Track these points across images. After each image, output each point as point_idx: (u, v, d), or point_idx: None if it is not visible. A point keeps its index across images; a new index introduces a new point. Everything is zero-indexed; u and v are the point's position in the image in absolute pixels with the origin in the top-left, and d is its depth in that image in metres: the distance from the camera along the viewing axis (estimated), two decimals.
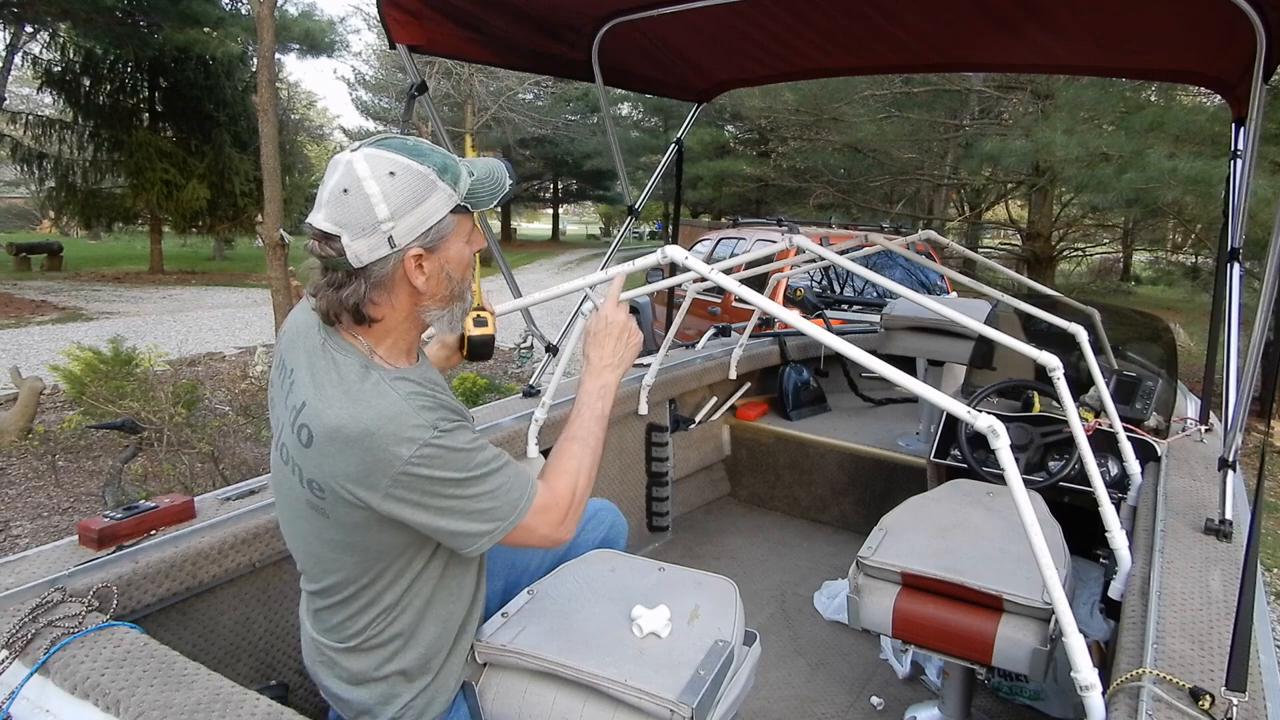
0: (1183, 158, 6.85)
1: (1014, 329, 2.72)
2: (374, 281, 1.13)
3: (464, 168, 1.16)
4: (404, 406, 1.11)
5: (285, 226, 6.71)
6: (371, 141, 1.13)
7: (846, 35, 2.51)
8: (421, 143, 1.15)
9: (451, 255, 1.17)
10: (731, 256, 6.40)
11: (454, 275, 1.19)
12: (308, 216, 1.13)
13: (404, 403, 1.12)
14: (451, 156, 1.16)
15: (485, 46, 2.44)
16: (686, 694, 1.22)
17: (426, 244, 1.13)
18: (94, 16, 14.42)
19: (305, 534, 1.23)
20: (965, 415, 1.21)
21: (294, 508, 1.22)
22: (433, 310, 1.20)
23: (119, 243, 26.10)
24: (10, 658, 1.19)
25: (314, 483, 1.15)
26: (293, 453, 1.17)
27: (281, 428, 1.20)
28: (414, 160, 1.11)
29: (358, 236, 1.09)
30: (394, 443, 1.09)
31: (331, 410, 1.11)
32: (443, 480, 1.12)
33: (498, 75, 21.61)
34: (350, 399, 1.12)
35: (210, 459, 4.33)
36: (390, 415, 1.10)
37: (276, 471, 1.25)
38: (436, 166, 1.12)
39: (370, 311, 1.15)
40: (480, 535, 1.17)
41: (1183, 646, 1.28)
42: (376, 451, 1.09)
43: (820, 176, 13.85)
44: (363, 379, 1.13)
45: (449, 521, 1.15)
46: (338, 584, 1.22)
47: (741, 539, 3.35)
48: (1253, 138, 2.04)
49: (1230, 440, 1.86)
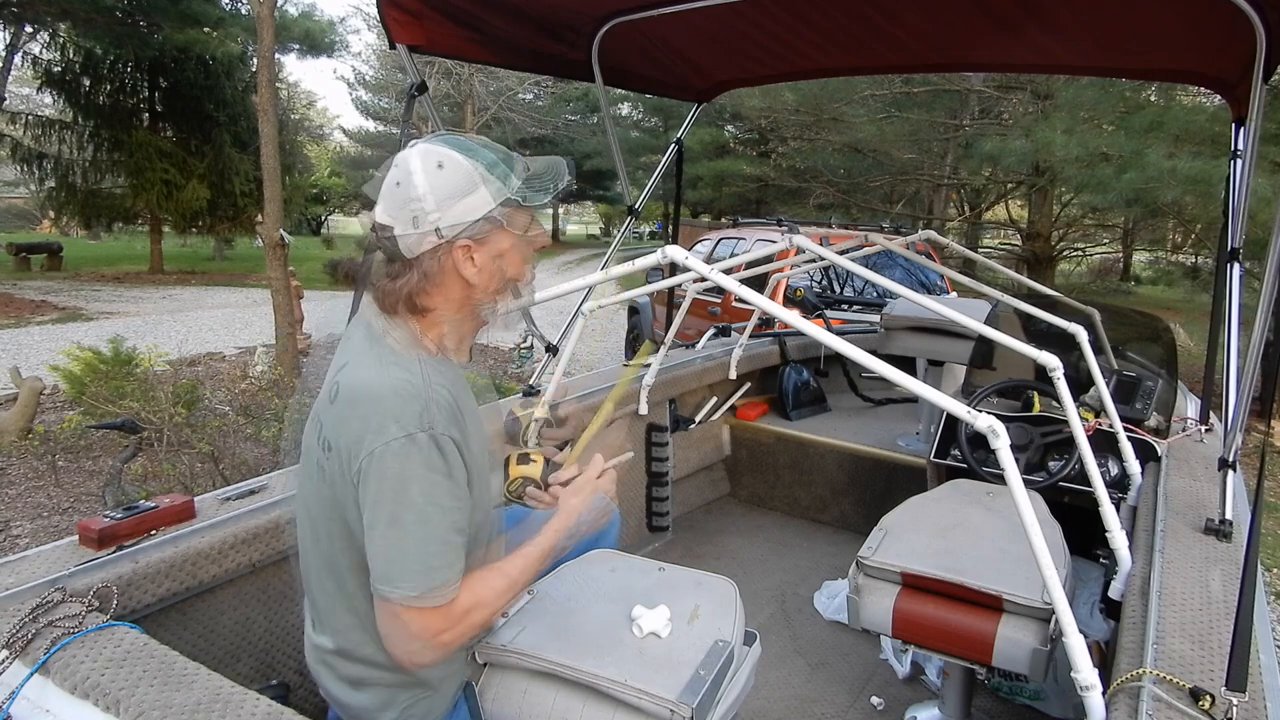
0: (1182, 158, 6.84)
1: (1014, 329, 2.72)
2: (425, 271, 1.16)
3: (520, 164, 1.19)
4: (420, 393, 1.12)
5: (285, 226, 6.70)
6: (429, 137, 1.18)
7: (846, 35, 2.51)
8: (477, 140, 1.19)
9: (503, 248, 1.19)
10: (731, 256, 6.40)
11: (506, 269, 1.20)
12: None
13: (423, 390, 1.12)
14: (507, 154, 1.20)
15: (485, 46, 2.44)
16: (686, 694, 1.22)
17: (474, 236, 1.16)
18: (94, 16, 14.41)
19: (313, 503, 1.23)
20: (965, 415, 1.21)
21: (307, 470, 1.24)
22: (487, 303, 1.22)
23: (119, 243, 26.09)
24: (10, 658, 1.19)
25: (327, 440, 1.17)
26: (319, 409, 1.21)
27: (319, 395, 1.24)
28: (463, 155, 1.15)
29: (408, 228, 1.14)
30: (390, 418, 1.09)
31: (361, 371, 1.15)
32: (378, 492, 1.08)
33: (498, 75, 21.62)
34: (381, 364, 1.15)
35: (210, 459, 4.33)
36: (403, 392, 1.11)
37: (305, 437, 1.27)
38: (485, 162, 1.15)
39: (423, 301, 1.18)
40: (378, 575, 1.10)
41: (1183, 646, 1.28)
42: (373, 418, 1.10)
43: (820, 176, 13.85)
44: (405, 353, 1.17)
45: (369, 542, 1.11)
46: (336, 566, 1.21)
47: (741, 539, 3.35)
48: (1253, 138, 2.04)
49: (1230, 440, 1.87)
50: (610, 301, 2.49)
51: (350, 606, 1.23)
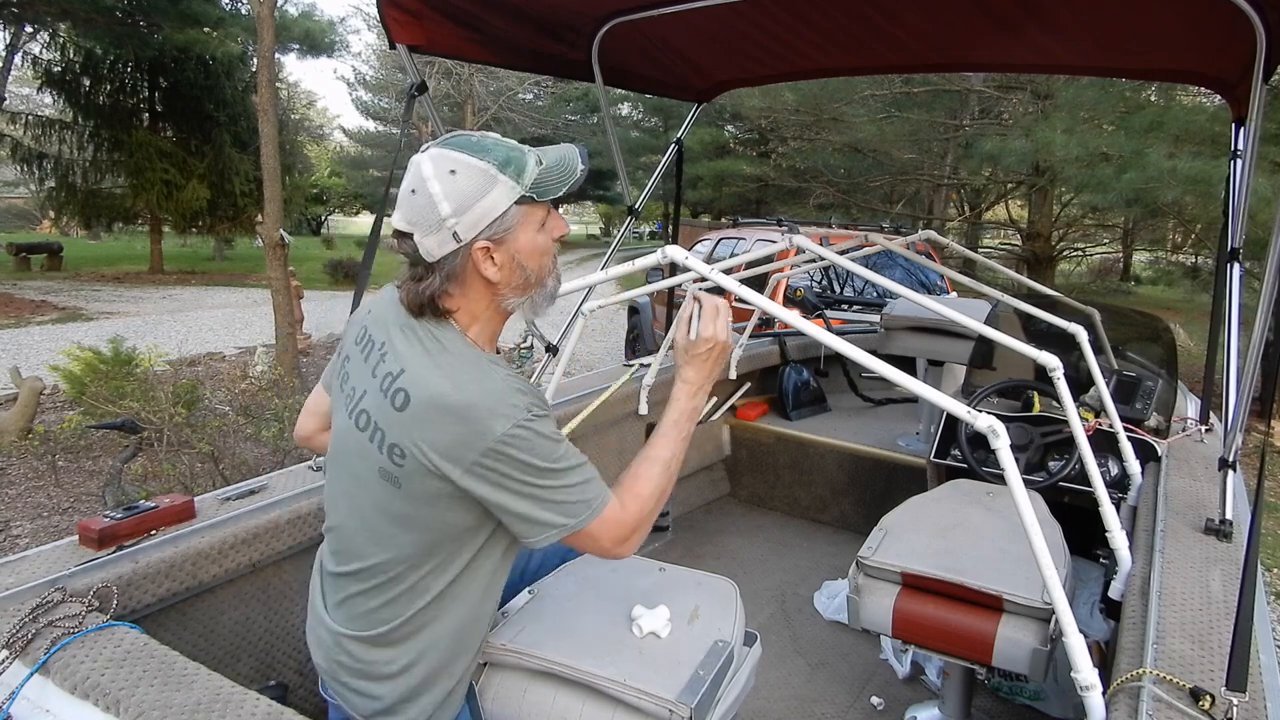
0: (1182, 158, 6.84)
1: (1014, 329, 2.72)
2: (446, 274, 1.18)
3: (531, 158, 1.18)
4: (503, 385, 1.15)
5: (285, 226, 6.70)
6: (439, 141, 1.18)
7: (846, 35, 2.51)
8: (488, 137, 1.19)
9: (522, 245, 1.19)
10: (731, 256, 6.40)
11: (527, 264, 1.21)
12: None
13: (503, 382, 1.16)
14: (518, 148, 1.19)
15: (485, 46, 2.44)
16: (685, 694, 1.22)
17: (492, 236, 1.16)
18: (94, 16, 14.41)
19: (366, 506, 1.22)
20: (965, 415, 1.21)
21: (358, 478, 1.23)
22: (511, 299, 1.23)
23: (119, 243, 26.09)
24: (10, 658, 1.19)
25: (397, 448, 1.16)
26: (377, 417, 1.19)
27: (359, 396, 1.23)
28: (475, 157, 1.15)
29: (427, 234, 1.15)
30: (490, 417, 1.12)
31: (434, 378, 1.15)
32: (526, 465, 1.14)
33: (498, 75, 21.62)
34: (455, 370, 1.16)
35: (210, 459, 4.33)
36: (491, 391, 1.14)
37: (343, 440, 1.26)
38: (498, 160, 1.15)
39: (445, 303, 1.20)
40: (549, 526, 1.18)
41: (1183, 646, 1.28)
42: (473, 424, 1.12)
43: (820, 176, 13.85)
44: (466, 354, 1.18)
45: (524, 505, 1.16)
46: (384, 563, 1.21)
47: (741, 539, 3.35)
48: (1253, 138, 2.04)
49: (1230, 440, 1.87)
50: (610, 301, 2.49)
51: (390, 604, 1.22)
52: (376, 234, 2.20)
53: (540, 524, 1.17)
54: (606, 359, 9.26)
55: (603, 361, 9.08)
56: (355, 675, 1.26)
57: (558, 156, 1.20)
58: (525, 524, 1.17)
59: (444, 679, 1.27)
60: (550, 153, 1.21)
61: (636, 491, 1.25)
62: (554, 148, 1.22)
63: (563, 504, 1.17)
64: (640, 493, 1.25)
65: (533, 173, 1.17)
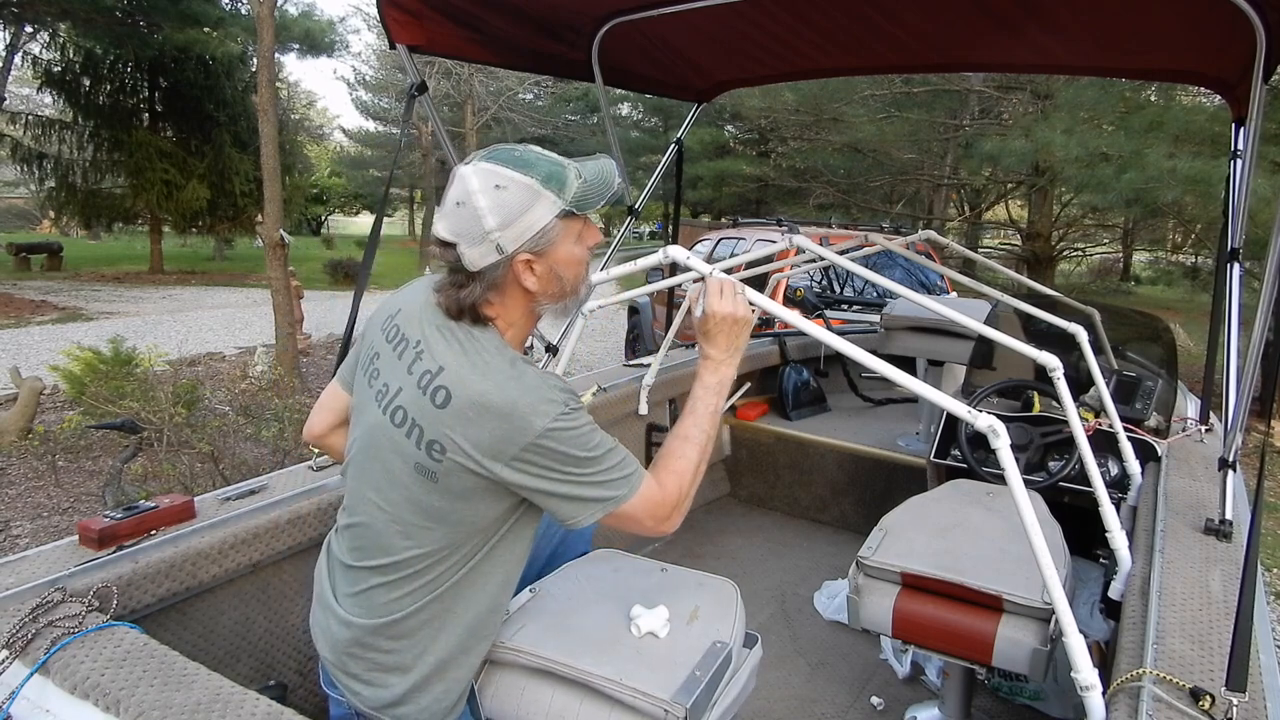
0: (1182, 158, 6.84)
1: (1014, 329, 2.72)
2: (488, 284, 1.22)
3: (572, 172, 1.22)
4: (539, 383, 1.20)
5: (285, 226, 6.70)
6: (483, 154, 1.22)
7: (846, 35, 2.51)
8: (531, 151, 1.23)
9: (561, 256, 1.23)
10: (731, 256, 6.40)
11: (564, 275, 1.25)
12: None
13: (540, 380, 1.21)
14: (560, 162, 1.23)
15: (485, 46, 2.44)
16: (681, 694, 1.22)
17: (534, 248, 1.20)
18: (94, 16, 14.41)
19: (398, 500, 1.24)
20: (965, 415, 1.21)
21: (391, 473, 1.25)
22: (547, 305, 1.28)
23: (119, 243, 26.09)
24: (10, 658, 1.19)
25: (436, 444, 1.20)
26: (414, 414, 1.22)
27: (394, 393, 1.26)
28: (520, 172, 1.18)
29: (471, 245, 1.19)
30: (532, 414, 1.17)
31: (474, 377, 1.19)
32: (567, 456, 1.19)
33: (498, 75, 21.61)
34: (494, 370, 1.20)
35: (210, 459, 4.33)
36: (529, 389, 1.19)
37: (375, 435, 1.28)
38: (541, 175, 1.19)
39: (485, 310, 1.25)
40: (591, 503, 1.22)
41: (1183, 646, 1.28)
42: (516, 421, 1.16)
43: (820, 176, 13.85)
44: (503, 355, 1.22)
45: (567, 488, 1.21)
46: (411, 558, 1.24)
47: (741, 539, 3.35)
48: (1253, 138, 2.04)
49: (1230, 440, 1.86)
50: (610, 301, 2.49)
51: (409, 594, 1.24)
52: (376, 234, 2.21)
53: (583, 502, 1.22)
54: (606, 359, 9.26)
55: (603, 361, 9.08)
56: (367, 666, 1.27)
57: (596, 170, 1.25)
58: (569, 504, 1.22)
59: (455, 669, 1.28)
60: (589, 166, 1.25)
61: (672, 468, 1.30)
62: (592, 161, 1.27)
63: (604, 483, 1.22)
64: (676, 469, 1.30)
65: (574, 187, 1.21)
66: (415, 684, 1.25)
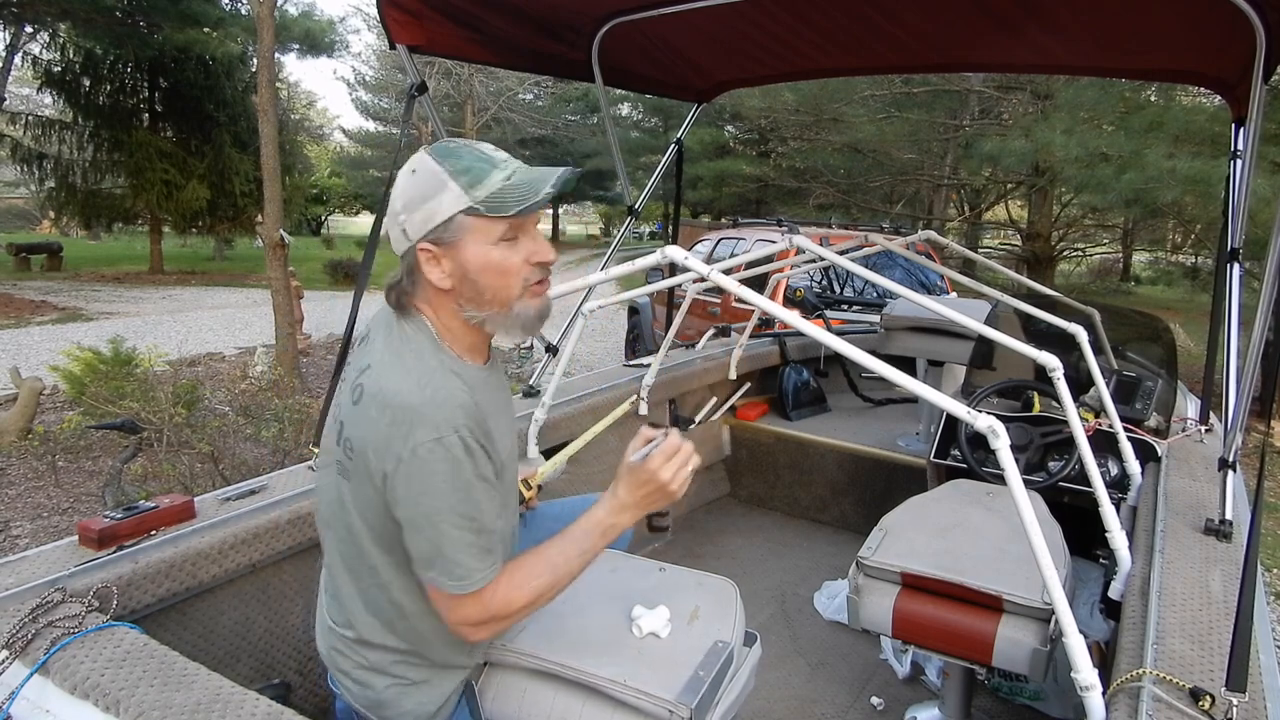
0: (1182, 158, 6.84)
1: (1014, 329, 2.72)
2: (405, 270, 1.20)
3: (498, 174, 1.14)
4: (447, 398, 1.13)
5: (285, 227, 6.70)
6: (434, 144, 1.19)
7: (846, 35, 2.51)
8: (469, 146, 1.17)
9: (470, 256, 1.15)
10: (731, 256, 6.40)
11: (480, 281, 1.16)
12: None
13: (449, 395, 1.13)
14: (492, 161, 1.15)
15: (485, 46, 2.44)
16: (685, 694, 1.22)
17: (435, 240, 1.15)
18: (94, 16, 14.41)
19: (333, 499, 1.24)
20: (965, 415, 1.21)
21: (328, 470, 1.26)
22: (471, 312, 1.19)
23: (119, 243, 26.09)
24: (10, 658, 1.19)
25: (349, 441, 1.18)
26: (341, 410, 1.22)
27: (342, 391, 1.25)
28: (437, 159, 1.14)
29: (390, 226, 1.19)
30: (419, 423, 1.10)
31: (388, 375, 1.15)
32: (429, 486, 1.10)
33: (498, 75, 21.62)
34: (408, 370, 1.16)
35: (210, 459, 4.32)
36: (431, 398, 1.12)
37: (325, 436, 1.29)
38: (456, 168, 1.13)
39: (409, 301, 1.21)
40: (424, 568, 1.15)
41: (1183, 647, 1.28)
42: (401, 425, 1.10)
43: (820, 176, 13.85)
44: (427, 356, 1.17)
45: (413, 531, 1.13)
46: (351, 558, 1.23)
47: (741, 539, 3.35)
48: (1253, 138, 2.04)
49: (1230, 440, 1.87)
50: (610, 301, 2.49)
51: (367, 598, 1.24)
52: (376, 234, 2.20)
53: (420, 560, 1.14)
54: (606, 359, 9.26)
55: (603, 361, 9.07)
56: (353, 665, 1.28)
57: (528, 176, 1.15)
58: (412, 550, 1.14)
59: (436, 673, 1.28)
60: (532, 172, 1.16)
61: (517, 584, 1.18)
62: (538, 170, 1.16)
63: (446, 557, 1.12)
64: (522, 586, 1.18)
65: (490, 186, 1.12)
66: (397, 685, 1.26)
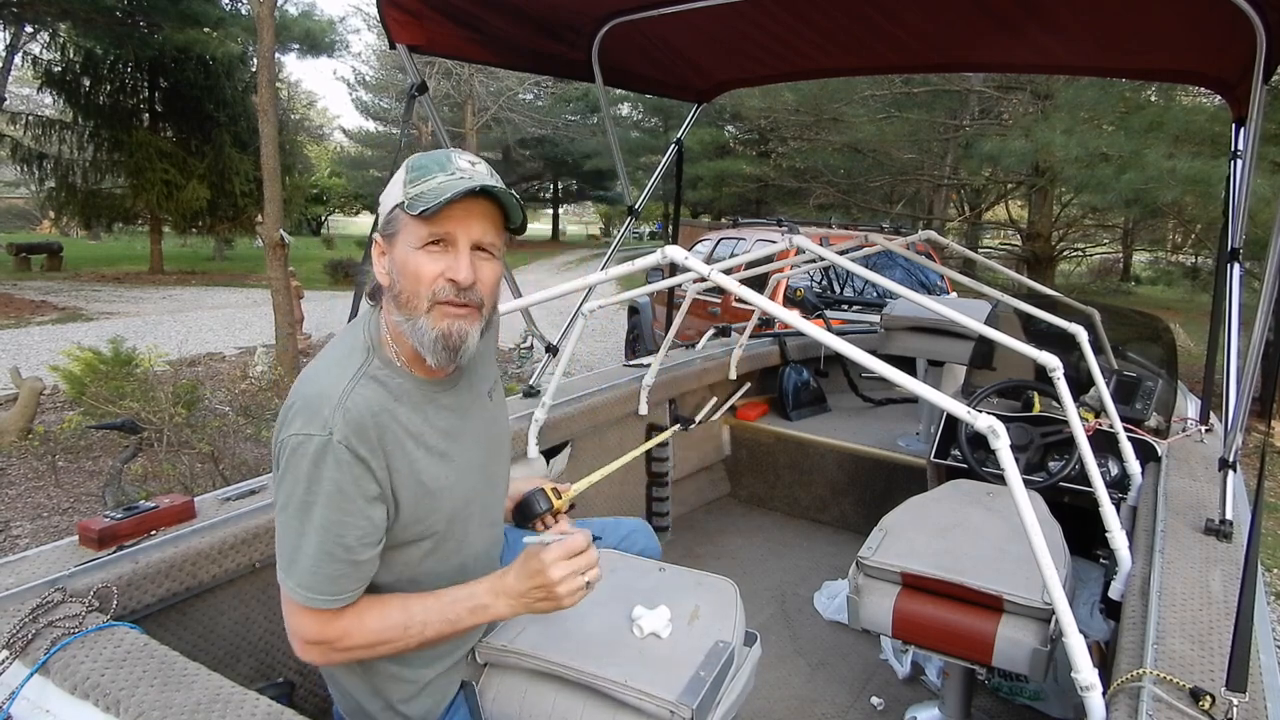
0: (1182, 158, 6.84)
1: (1014, 329, 2.72)
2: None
3: (440, 176, 1.10)
4: (341, 399, 1.09)
5: (285, 227, 6.70)
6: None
7: (846, 35, 2.51)
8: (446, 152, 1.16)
9: (397, 254, 1.13)
10: (731, 256, 6.40)
11: (399, 280, 1.13)
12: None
13: (345, 396, 1.10)
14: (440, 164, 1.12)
15: (485, 46, 2.44)
16: (687, 695, 1.22)
17: (383, 232, 1.16)
18: (94, 16, 14.42)
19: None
20: (965, 415, 1.21)
21: None
22: (395, 315, 1.15)
23: (119, 243, 26.10)
24: (10, 658, 1.19)
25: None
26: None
27: None
28: (412, 160, 1.16)
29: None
30: (299, 415, 1.09)
31: (311, 363, 1.17)
32: (284, 480, 1.10)
33: (498, 75, 21.64)
34: (326, 362, 1.16)
35: (210, 459, 4.33)
36: (322, 394, 1.10)
37: None
38: (414, 164, 1.14)
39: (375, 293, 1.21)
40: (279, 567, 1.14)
41: (1183, 647, 1.28)
42: (288, 413, 1.11)
43: (820, 176, 13.84)
44: (355, 354, 1.17)
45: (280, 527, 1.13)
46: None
47: (741, 539, 3.35)
48: (1253, 138, 2.04)
49: (1230, 440, 1.87)
50: (610, 301, 2.49)
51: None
52: None
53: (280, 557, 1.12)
54: (606, 359, 9.26)
55: (603, 361, 9.08)
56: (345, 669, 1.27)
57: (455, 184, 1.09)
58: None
59: (434, 678, 1.27)
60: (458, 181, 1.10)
61: (365, 622, 1.14)
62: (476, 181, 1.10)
63: (294, 561, 1.10)
64: (368, 626, 1.13)
65: (422, 187, 1.10)
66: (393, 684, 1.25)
